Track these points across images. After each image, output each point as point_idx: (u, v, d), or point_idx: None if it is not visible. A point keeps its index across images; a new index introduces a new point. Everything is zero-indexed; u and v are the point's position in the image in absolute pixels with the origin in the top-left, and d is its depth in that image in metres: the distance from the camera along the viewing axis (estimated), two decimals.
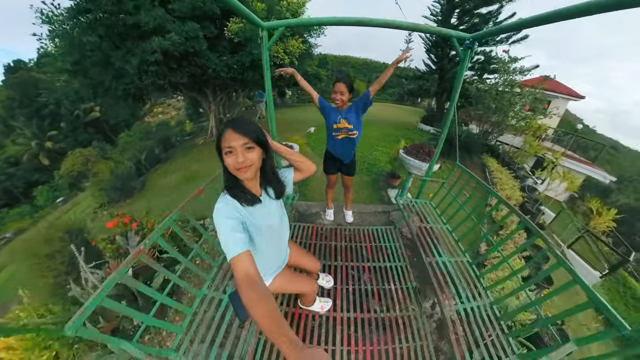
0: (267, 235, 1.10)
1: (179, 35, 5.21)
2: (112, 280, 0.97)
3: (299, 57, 7.27)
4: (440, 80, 10.96)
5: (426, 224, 2.12)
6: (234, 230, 0.85)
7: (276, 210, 1.16)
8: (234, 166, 0.88)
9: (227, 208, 0.92)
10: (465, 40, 1.69)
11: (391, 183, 4.00)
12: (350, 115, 2.04)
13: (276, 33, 1.86)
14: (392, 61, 1.88)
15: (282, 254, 1.38)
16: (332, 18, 1.72)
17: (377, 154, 5.91)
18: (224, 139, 0.86)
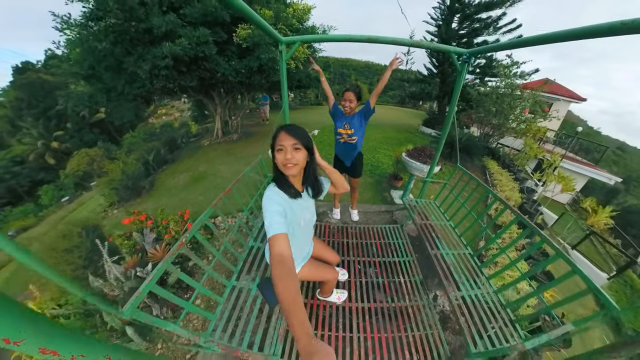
0: (302, 227, 1.25)
1: (189, 40, 5.36)
2: (161, 268, 1.08)
3: (303, 62, 7.49)
4: (442, 84, 11.14)
5: (430, 220, 2.28)
6: (279, 214, 0.95)
7: (312, 207, 1.33)
8: (282, 162, 1.04)
9: (276, 196, 1.06)
10: (463, 55, 1.86)
11: (394, 184, 4.17)
12: (354, 122, 2.23)
13: (293, 47, 2.05)
14: (386, 70, 2.06)
15: (309, 245, 1.55)
16: (344, 35, 1.90)
17: (380, 157, 6.09)
18: (278, 139, 1.04)
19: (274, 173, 1.16)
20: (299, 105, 23.76)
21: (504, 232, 1.76)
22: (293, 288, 0.71)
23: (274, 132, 1.09)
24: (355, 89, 2.15)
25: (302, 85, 12.47)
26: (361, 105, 2.29)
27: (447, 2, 9.99)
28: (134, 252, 3.17)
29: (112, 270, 2.61)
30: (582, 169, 9.65)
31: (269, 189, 1.10)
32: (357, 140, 2.28)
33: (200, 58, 6.11)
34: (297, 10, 6.60)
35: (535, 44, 1.31)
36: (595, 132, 64.12)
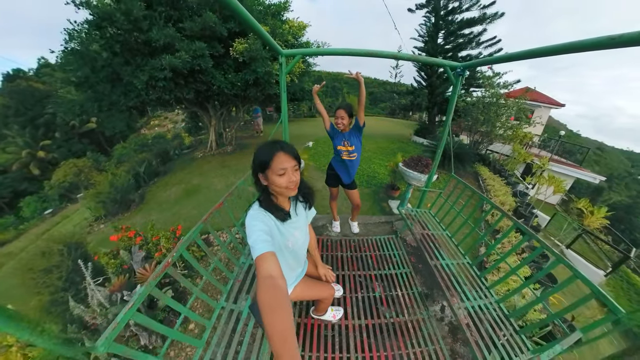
0: (292, 248, 1.18)
1: (187, 53, 5.45)
2: (143, 293, 0.98)
3: (299, 76, 7.67)
4: (431, 95, 11.60)
5: (428, 230, 2.30)
6: (264, 232, 0.91)
7: (303, 225, 1.25)
8: (287, 185, 0.99)
9: (260, 215, 1.01)
10: (457, 68, 1.96)
11: (391, 194, 4.21)
12: (352, 138, 2.26)
13: (294, 60, 2.10)
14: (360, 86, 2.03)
15: (302, 264, 1.47)
16: (343, 49, 1.97)
17: (375, 167, 6.17)
18: (279, 161, 0.96)
19: (262, 194, 1.09)
20: (293, 118, 24.03)
21: (502, 239, 1.79)
22: (286, 321, 0.60)
23: (264, 152, 0.98)
24: (346, 106, 2.18)
25: (297, 98, 12.69)
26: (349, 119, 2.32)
27: (432, 20, 10.59)
28: (120, 273, 2.94)
29: (95, 295, 2.37)
30: (568, 170, 10.03)
31: (254, 209, 1.05)
32: (357, 156, 2.31)
33: (197, 71, 6.19)
34: (293, 27, 6.84)
35: (525, 58, 1.39)
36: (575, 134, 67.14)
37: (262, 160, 0.98)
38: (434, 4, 10.22)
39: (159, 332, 1.07)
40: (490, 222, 3.84)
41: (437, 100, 11.39)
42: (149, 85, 5.86)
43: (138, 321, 0.95)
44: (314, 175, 5.42)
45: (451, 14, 10.04)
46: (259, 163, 0.99)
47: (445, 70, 1.97)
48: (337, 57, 43.58)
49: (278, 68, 2.11)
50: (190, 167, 9.65)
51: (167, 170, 10.58)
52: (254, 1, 6.88)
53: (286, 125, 2.48)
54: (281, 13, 7.60)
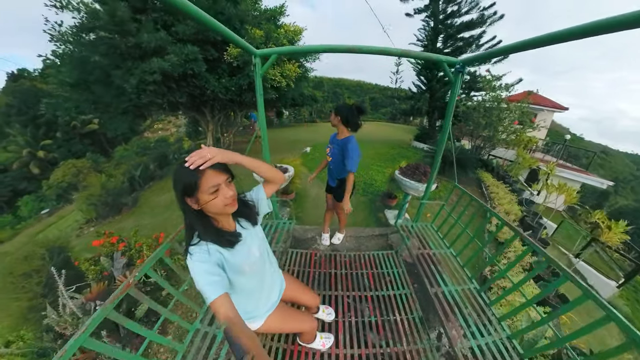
0: (251, 272, 1.03)
1: (178, 57, 5.36)
2: (97, 318, 0.89)
3: (295, 80, 7.54)
4: (431, 99, 11.41)
5: (428, 249, 2.04)
6: (209, 274, 0.81)
7: (255, 242, 1.07)
8: (224, 203, 0.84)
9: (203, 255, 0.85)
10: (456, 64, 1.73)
11: (388, 204, 3.95)
12: (335, 148, 2.14)
13: (269, 60, 1.89)
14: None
15: (273, 289, 1.25)
16: (323, 46, 1.77)
17: (373, 173, 5.92)
18: (207, 180, 0.79)
19: (198, 227, 0.88)
20: (294, 123, 23.99)
21: (514, 264, 1.53)
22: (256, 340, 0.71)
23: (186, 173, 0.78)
24: (337, 108, 2.07)
25: (297, 103, 12.63)
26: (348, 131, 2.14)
27: (431, 24, 10.47)
28: (100, 279, 2.81)
29: (67, 303, 2.24)
30: (574, 175, 9.70)
31: (190, 251, 0.86)
32: (333, 167, 2.20)
33: (190, 75, 6.07)
34: (289, 32, 6.74)
35: (529, 48, 1.19)
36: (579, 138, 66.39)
37: (186, 183, 0.80)
38: (433, 8, 10.10)
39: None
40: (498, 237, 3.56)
41: (437, 104, 11.20)
42: (140, 89, 5.72)
43: (92, 348, 0.87)
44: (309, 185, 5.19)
45: (450, 17, 9.91)
46: (183, 187, 0.81)
47: (442, 67, 1.74)
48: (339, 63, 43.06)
49: (252, 69, 1.91)
50: None
51: (164, 175, 10.41)
52: (249, 6, 6.80)
53: (264, 131, 2.29)
54: (277, 18, 7.52)
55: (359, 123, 2.07)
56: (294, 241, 2.99)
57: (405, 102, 13.17)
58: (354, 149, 2.02)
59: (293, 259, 2.53)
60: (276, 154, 8.24)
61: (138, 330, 1.08)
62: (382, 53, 1.71)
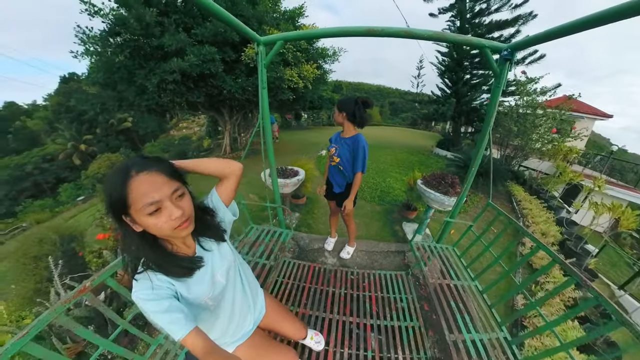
0: (215, 305, 0.83)
1: (196, 57, 5.46)
2: (42, 321, 0.80)
3: (312, 82, 7.38)
4: (457, 103, 10.71)
5: (448, 279, 1.68)
6: (166, 312, 0.63)
7: (222, 265, 0.83)
8: (171, 226, 0.62)
9: (144, 290, 0.65)
10: (502, 51, 1.37)
11: (406, 216, 3.56)
12: (344, 148, 1.92)
13: (274, 47, 1.68)
14: None
15: (246, 317, 1.00)
16: (337, 28, 1.50)
17: (391, 181, 5.52)
18: (139, 192, 0.57)
19: (141, 254, 0.67)
20: (311, 125, 23.95)
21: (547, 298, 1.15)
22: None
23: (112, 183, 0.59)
24: (339, 103, 1.87)
25: (314, 106, 12.52)
26: (354, 128, 1.92)
27: (457, 24, 9.84)
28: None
29: (60, 293, 2.26)
30: (620, 192, 8.51)
31: (136, 286, 0.66)
32: (344, 168, 1.97)
33: (207, 75, 6.15)
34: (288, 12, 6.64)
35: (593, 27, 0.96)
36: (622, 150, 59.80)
37: (114, 199, 0.59)
38: (459, 6, 9.46)
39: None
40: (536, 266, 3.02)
41: (464, 109, 10.47)
42: (160, 88, 5.93)
43: (32, 353, 0.79)
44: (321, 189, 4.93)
45: (478, 16, 9.23)
46: (112, 203, 0.60)
47: (484, 54, 1.38)
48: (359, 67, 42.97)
49: (255, 58, 1.74)
50: None
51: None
52: (268, 7, 6.78)
53: (268, 130, 2.05)
54: (295, 19, 7.44)
55: (366, 118, 1.85)
56: (299, 251, 2.76)
57: (427, 107, 12.53)
58: (366, 148, 1.84)
59: (290, 269, 2.30)
60: (291, 155, 8.09)
61: (90, 338, 0.98)
62: (408, 36, 1.41)
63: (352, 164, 1.91)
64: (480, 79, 10.09)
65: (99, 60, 6.02)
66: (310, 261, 2.50)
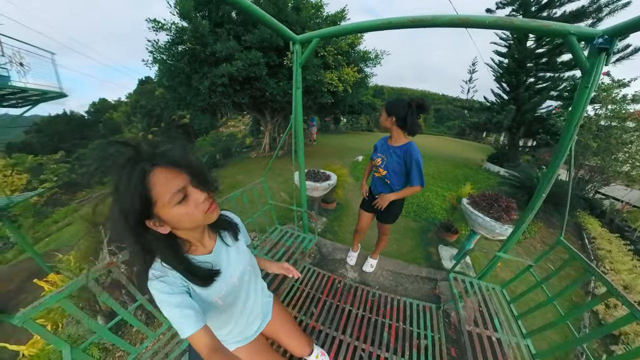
0: (225, 304, 0.82)
1: (243, 62, 5.87)
2: (75, 284, 0.96)
3: (353, 86, 7.25)
4: (516, 111, 9.32)
5: (491, 329, 1.37)
6: (179, 307, 0.65)
7: (237, 264, 0.84)
8: (202, 210, 0.63)
9: (162, 284, 0.66)
10: (595, 38, 1.02)
11: (445, 238, 3.15)
12: (393, 158, 1.71)
13: (310, 46, 1.62)
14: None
15: (254, 321, 0.99)
16: (376, 21, 1.33)
17: (430, 196, 5.03)
18: (163, 186, 0.55)
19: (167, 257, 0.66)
20: (350, 130, 23.78)
21: None
22: None
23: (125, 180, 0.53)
24: (387, 104, 1.66)
25: (354, 110, 12.36)
26: (405, 135, 1.72)
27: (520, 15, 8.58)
28: None
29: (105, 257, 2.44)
30: None
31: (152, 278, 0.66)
32: (390, 182, 1.78)
33: (252, 78, 6.53)
34: (349, 36, 6.57)
35: None
36: None
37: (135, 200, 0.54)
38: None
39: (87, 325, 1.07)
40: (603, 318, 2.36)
41: (525, 118, 9.04)
42: (211, 90, 6.52)
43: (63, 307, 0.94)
44: (352, 196, 4.73)
45: (547, 8, 7.81)
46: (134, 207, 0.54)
47: (568, 45, 1.07)
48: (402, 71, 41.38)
49: (291, 57, 1.69)
50: (241, 165, 10.27)
51: (225, 164, 11.59)
52: (310, 14, 6.94)
53: (300, 132, 1.98)
54: (337, 23, 7.44)
55: (419, 125, 1.62)
56: (320, 258, 2.67)
57: (479, 115, 11.24)
58: (420, 160, 1.62)
59: (307, 277, 2.20)
60: (325, 159, 8.05)
61: (112, 305, 1.10)
62: (464, 24, 1.15)
63: (401, 177, 1.72)
64: (548, 83, 8.59)
65: (163, 67, 6.90)
66: (330, 271, 2.38)
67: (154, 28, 6.07)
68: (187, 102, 7.95)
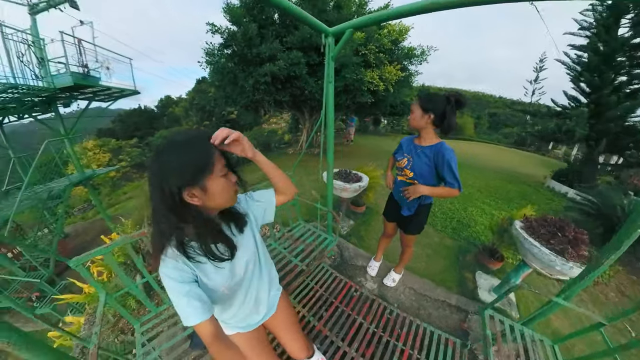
0: (230, 293, 0.85)
1: (285, 61, 6.09)
2: (120, 241, 1.24)
3: (395, 85, 6.86)
4: (597, 119, 7.58)
5: None
6: (187, 296, 0.68)
7: (241, 254, 0.84)
8: (235, 189, 0.73)
9: (172, 270, 0.69)
10: None
11: (486, 264, 2.69)
12: (421, 159, 1.52)
13: (343, 37, 1.51)
14: None
15: (257, 311, 0.98)
16: (418, 3, 1.08)
17: (474, 212, 4.42)
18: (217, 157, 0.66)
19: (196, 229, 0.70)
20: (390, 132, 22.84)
21: None
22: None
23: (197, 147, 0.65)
24: (422, 97, 1.44)
25: (395, 112, 11.82)
26: (436, 135, 1.51)
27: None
28: None
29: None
30: None
31: (164, 265, 0.69)
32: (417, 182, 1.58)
33: (293, 77, 6.73)
34: (393, 32, 6.22)
35: None
36: None
37: (198, 164, 0.63)
38: None
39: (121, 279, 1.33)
40: None
41: (608, 127, 7.19)
42: (254, 88, 6.90)
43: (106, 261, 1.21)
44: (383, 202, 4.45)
45: None
46: (195, 168, 0.63)
47: None
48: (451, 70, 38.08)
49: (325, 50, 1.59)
50: (277, 160, 10.67)
51: None
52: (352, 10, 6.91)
53: (331, 131, 1.89)
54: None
55: (456, 123, 1.45)
56: (341, 262, 2.59)
57: (545, 121, 9.50)
58: (455, 160, 1.42)
59: (323, 278, 2.13)
60: (360, 159, 7.82)
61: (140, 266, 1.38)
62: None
63: (430, 181, 1.52)
64: None
65: (215, 68, 7.54)
66: (348, 277, 2.28)
67: (211, 31, 6.65)
68: (233, 100, 8.58)
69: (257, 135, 20.38)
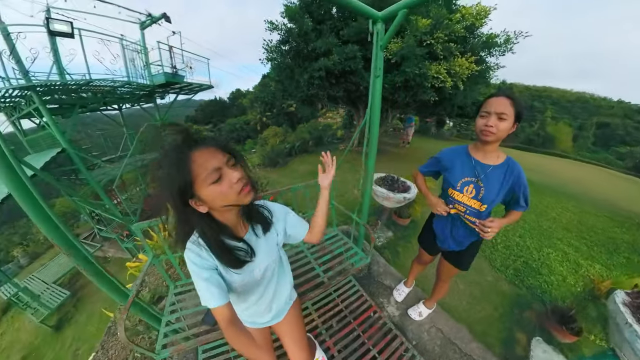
0: (243, 292, 0.90)
1: (339, 56, 5.90)
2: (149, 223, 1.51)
3: (466, 81, 5.77)
4: None
5: None
6: (207, 282, 0.73)
7: (264, 258, 0.87)
8: (235, 191, 0.68)
9: (195, 255, 0.74)
10: None
11: (553, 331, 1.97)
12: (493, 183, 1.16)
13: (395, 21, 1.33)
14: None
15: (268, 312, 1.02)
16: None
17: (552, 255, 3.32)
18: (201, 165, 0.62)
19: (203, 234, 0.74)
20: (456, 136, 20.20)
21: None
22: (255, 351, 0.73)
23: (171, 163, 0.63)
24: (515, 99, 1.06)
25: (464, 113, 10.30)
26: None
27: None
28: None
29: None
30: None
31: (189, 249, 0.75)
32: (484, 217, 1.20)
33: (348, 72, 6.45)
34: (467, 15, 5.16)
35: None
36: None
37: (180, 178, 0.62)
38: None
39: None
40: None
41: None
42: (309, 83, 6.97)
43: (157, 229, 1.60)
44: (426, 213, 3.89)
45: None
46: (179, 185, 0.62)
47: None
48: (549, 63, 31.39)
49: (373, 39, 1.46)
50: None
51: (314, 151, 12.49)
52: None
53: (375, 125, 1.73)
54: (452, 1, 6.03)
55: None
56: (368, 277, 2.41)
57: None
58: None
59: (345, 292, 2.08)
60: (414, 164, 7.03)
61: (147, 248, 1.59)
62: None
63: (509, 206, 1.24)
64: None
65: (274, 64, 7.91)
66: (371, 294, 2.12)
67: (269, 28, 6.99)
68: (290, 93, 8.96)
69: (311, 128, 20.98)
